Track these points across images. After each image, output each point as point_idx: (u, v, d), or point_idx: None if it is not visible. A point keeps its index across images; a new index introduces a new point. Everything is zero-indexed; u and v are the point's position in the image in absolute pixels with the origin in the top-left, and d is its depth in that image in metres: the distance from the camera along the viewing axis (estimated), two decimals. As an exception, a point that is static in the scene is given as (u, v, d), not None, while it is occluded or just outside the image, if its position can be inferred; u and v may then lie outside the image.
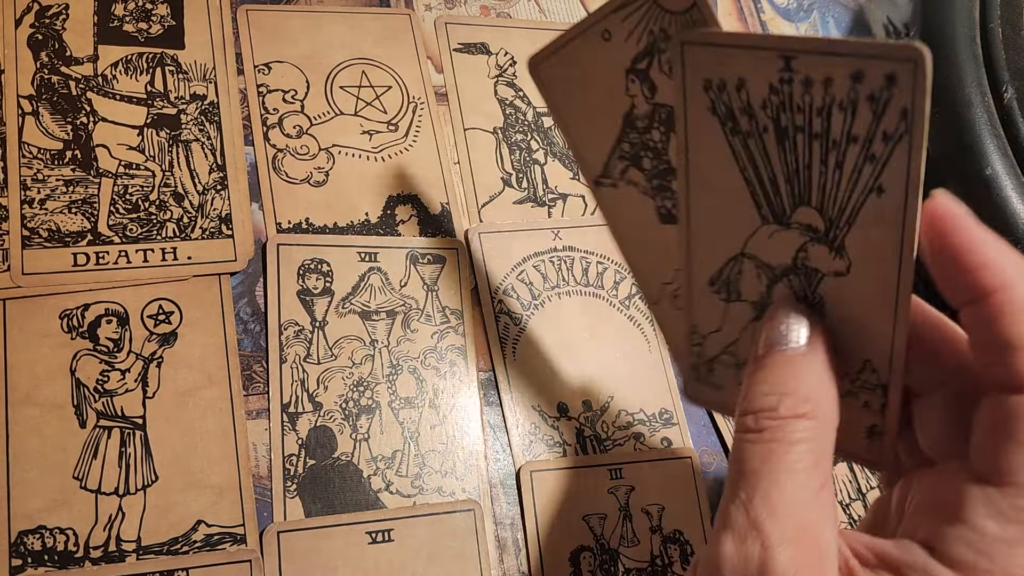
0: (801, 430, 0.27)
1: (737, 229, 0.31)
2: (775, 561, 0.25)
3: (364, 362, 0.46)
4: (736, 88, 0.28)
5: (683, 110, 0.30)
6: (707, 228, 0.32)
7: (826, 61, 0.26)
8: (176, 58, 0.48)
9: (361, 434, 0.44)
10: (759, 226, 0.30)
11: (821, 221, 0.29)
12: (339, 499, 0.43)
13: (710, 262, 0.32)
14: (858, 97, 0.26)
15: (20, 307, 0.42)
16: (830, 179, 0.28)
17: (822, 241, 0.29)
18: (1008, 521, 0.25)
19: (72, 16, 0.47)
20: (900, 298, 0.28)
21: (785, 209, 0.29)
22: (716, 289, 0.33)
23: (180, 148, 0.46)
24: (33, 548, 0.38)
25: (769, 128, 0.28)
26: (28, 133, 0.44)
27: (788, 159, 0.28)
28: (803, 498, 0.26)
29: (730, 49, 0.28)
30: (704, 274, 0.33)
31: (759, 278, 0.31)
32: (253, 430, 0.43)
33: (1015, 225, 0.47)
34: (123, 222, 0.44)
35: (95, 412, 0.41)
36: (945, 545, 0.26)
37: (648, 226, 0.34)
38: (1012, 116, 0.49)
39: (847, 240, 0.28)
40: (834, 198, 0.28)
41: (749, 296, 0.32)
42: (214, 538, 0.41)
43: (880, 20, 0.68)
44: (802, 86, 0.27)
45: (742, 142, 0.29)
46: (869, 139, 0.26)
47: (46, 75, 0.46)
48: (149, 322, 0.43)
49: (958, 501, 0.27)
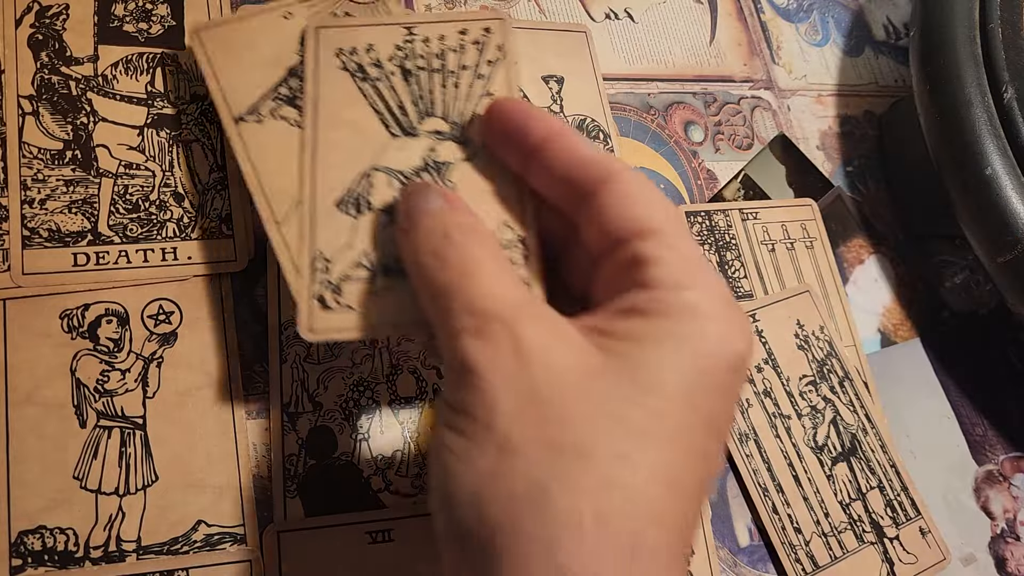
0: (477, 232, 0.32)
1: (367, 150, 0.39)
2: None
3: (364, 362, 0.46)
4: (366, 50, 0.40)
5: (312, 70, 0.40)
6: (335, 157, 0.39)
7: (439, 25, 0.40)
8: (176, 58, 0.48)
9: (361, 434, 0.44)
10: (388, 141, 0.39)
11: (447, 125, 0.39)
12: (339, 499, 0.43)
13: (337, 186, 0.38)
14: (466, 43, 0.40)
15: (20, 307, 0.42)
16: (450, 95, 0.39)
17: (448, 138, 0.38)
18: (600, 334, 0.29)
19: (72, 16, 0.47)
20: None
21: (413, 124, 0.39)
22: (345, 208, 0.38)
23: (180, 148, 0.46)
24: (33, 548, 0.38)
25: (396, 72, 0.40)
26: (28, 133, 0.44)
27: (413, 89, 0.39)
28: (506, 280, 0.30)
29: (361, 28, 0.40)
30: (329, 199, 0.38)
31: (390, 185, 0.38)
32: (253, 430, 0.43)
33: (1015, 225, 0.47)
34: (123, 222, 0.44)
35: (95, 412, 0.41)
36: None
37: (292, 154, 0.40)
38: (1012, 116, 0.48)
39: (470, 132, 0.38)
40: (455, 107, 0.39)
41: (382, 204, 0.38)
42: (214, 538, 0.41)
43: (880, 20, 0.69)
44: (423, 43, 0.40)
45: (372, 85, 0.40)
46: (476, 65, 0.39)
47: (46, 75, 0.46)
48: (149, 322, 0.43)
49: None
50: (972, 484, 0.55)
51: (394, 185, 0.38)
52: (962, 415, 0.57)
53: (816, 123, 0.62)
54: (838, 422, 0.52)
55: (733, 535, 0.49)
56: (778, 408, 0.51)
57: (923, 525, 0.51)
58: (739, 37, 0.63)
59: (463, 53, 0.40)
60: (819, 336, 0.54)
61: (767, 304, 0.54)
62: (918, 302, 0.60)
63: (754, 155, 0.59)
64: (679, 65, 0.61)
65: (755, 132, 0.60)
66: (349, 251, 0.37)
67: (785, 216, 0.57)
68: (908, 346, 0.58)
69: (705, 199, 0.57)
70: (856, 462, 0.51)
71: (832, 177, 0.61)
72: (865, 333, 0.57)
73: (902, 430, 0.55)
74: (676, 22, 0.62)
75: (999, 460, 0.56)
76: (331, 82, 0.40)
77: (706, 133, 0.59)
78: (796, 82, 0.63)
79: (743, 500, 0.50)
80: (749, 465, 0.50)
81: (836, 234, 0.59)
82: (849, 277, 0.58)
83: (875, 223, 0.61)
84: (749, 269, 0.55)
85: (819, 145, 0.62)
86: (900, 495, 0.51)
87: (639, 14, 0.61)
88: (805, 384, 0.52)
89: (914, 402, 0.56)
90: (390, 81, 0.40)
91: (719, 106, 0.60)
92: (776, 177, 0.59)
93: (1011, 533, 0.54)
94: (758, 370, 0.52)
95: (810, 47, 0.65)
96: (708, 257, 0.55)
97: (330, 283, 0.37)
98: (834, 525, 0.49)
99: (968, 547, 0.53)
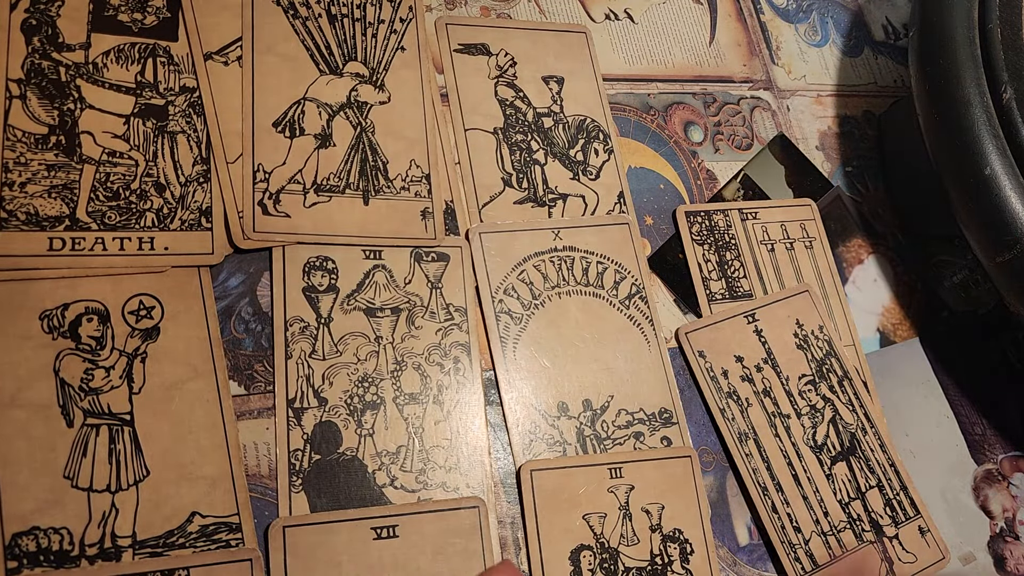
0: None
1: (299, 82, 0.47)
2: None
3: (369, 358, 0.46)
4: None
5: (251, 10, 0.48)
6: (272, 84, 0.47)
7: None
8: (168, 50, 0.48)
9: (366, 429, 0.44)
10: (318, 77, 0.47)
11: (366, 70, 0.48)
12: (344, 494, 0.43)
13: (275, 109, 0.46)
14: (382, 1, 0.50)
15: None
16: (369, 44, 0.49)
17: (368, 82, 0.48)
18: None
19: (68, 3, 0.47)
20: (426, 105, 0.50)
21: (339, 64, 0.48)
22: (281, 129, 0.46)
23: (165, 139, 0.46)
24: (28, 549, 0.38)
25: (323, 14, 0.49)
26: (14, 116, 0.44)
27: (339, 33, 0.48)
28: None
29: None
30: (268, 120, 0.46)
31: (320, 115, 0.47)
32: (255, 429, 0.43)
33: (1014, 225, 0.47)
34: (102, 209, 0.44)
35: (81, 411, 0.41)
36: None
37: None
38: (1011, 117, 0.49)
39: (386, 80, 0.48)
40: (374, 55, 0.48)
41: (312, 131, 0.47)
42: (209, 528, 0.40)
43: (879, 21, 0.69)
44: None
45: (302, 23, 0.49)
46: (392, 21, 0.49)
47: (37, 60, 0.45)
48: (131, 318, 0.43)
49: None
50: (971, 483, 0.55)
51: (323, 116, 0.47)
52: (961, 414, 0.57)
53: (815, 123, 0.63)
54: (837, 421, 0.52)
55: (733, 534, 0.49)
56: (777, 407, 0.51)
57: (922, 524, 0.51)
58: (739, 38, 0.64)
59: (381, 8, 0.50)
60: (818, 336, 0.54)
61: (767, 304, 0.54)
62: (917, 302, 0.60)
63: (754, 155, 0.59)
64: (679, 65, 0.61)
65: (755, 132, 0.60)
66: (284, 168, 0.46)
67: (784, 216, 0.58)
68: (907, 346, 0.58)
69: (705, 199, 0.57)
70: (855, 461, 0.52)
71: (831, 177, 0.61)
72: (864, 333, 0.57)
73: (901, 429, 0.55)
74: (676, 23, 0.62)
75: (998, 459, 0.57)
76: (267, 16, 0.48)
77: (706, 133, 0.59)
78: (795, 82, 0.64)
79: (742, 499, 0.50)
80: (748, 464, 0.50)
81: (835, 234, 0.59)
82: (848, 277, 0.59)
83: (874, 223, 0.61)
84: (749, 269, 0.55)
85: (818, 145, 0.62)
86: (899, 494, 0.52)
87: (639, 15, 0.62)
88: (804, 383, 0.53)
89: (913, 401, 0.56)
90: (318, 23, 0.48)
91: (719, 106, 0.60)
92: (775, 177, 0.59)
93: (1010, 532, 0.55)
94: (758, 369, 0.52)
95: (809, 47, 0.66)
96: (708, 257, 0.55)
97: (270, 192, 0.45)
98: (833, 524, 0.50)
99: (967, 546, 0.54)
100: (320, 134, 0.47)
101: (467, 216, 0.51)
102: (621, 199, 0.54)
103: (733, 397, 0.51)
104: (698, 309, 0.53)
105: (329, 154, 0.48)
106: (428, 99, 0.51)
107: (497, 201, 0.52)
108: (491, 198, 0.52)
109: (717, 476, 0.50)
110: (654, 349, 0.51)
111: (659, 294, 0.54)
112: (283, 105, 0.48)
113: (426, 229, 0.48)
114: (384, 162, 0.48)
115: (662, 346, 0.51)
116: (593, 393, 0.49)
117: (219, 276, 0.46)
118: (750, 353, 0.52)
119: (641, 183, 0.56)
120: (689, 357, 0.52)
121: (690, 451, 0.49)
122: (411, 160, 0.47)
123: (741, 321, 0.53)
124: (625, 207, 0.54)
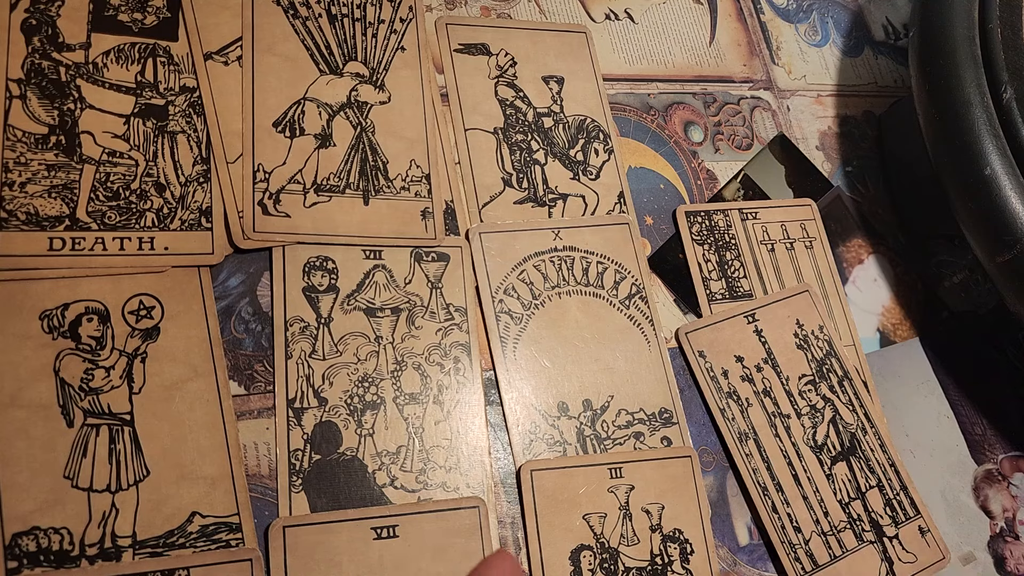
0: None
1: (300, 82, 0.47)
2: None
3: (369, 358, 0.46)
4: None
5: (251, 10, 0.48)
6: (272, 84, 0.47)
7: None
8: (168, 50, 0.48)
9: (366, 429, 0.44)
10: (318, 77, 0.47)
11: (366, 70, 0.48)
12: (344, 494, 0.43)
13: (275, 109, 0.46)
14: (382, 1, 0.50)
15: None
16: (369, 44, 0.48)
17: (368, 82, 0.48)
18: None
19: (68, 3, 0.47)
20: (426, 105, 0.50)
21: (339, 64, 0.48)
22: (281, 129, 0.46)
23: (165, 139, 0.46)
24: (28, 549, 0.38)
25: (323, 14, 0.48)
26: (14, 116, 0.44)
27: (339, 33, 0.48)
28: None
29: None
30: (268, 120, 0.46)
31: (320, 115, 0.47)
32: (255, 429, 0.43)
33: (1014, 225, 0.47)
34: (102, 209, 0.44)
35: (82, 411, 0.41)
36: None
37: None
38: (1011, 117, 0.49)
39: (386, 80, 0.48)
40: (374, 55, 0.48)
41: (312, 131, 0.46)
42: (209, 528, 0.40)
43: (879, 21, 0.69)
44: None
45: (302, 23, 0.48)
46: (392, 21, 0.49)
47: (37, 60, 0.45)
48: (131, 318, 0.43)
49: None
50: (971, 483, 0.55)
51: (323, 116, 0.46)
52: (961, 414, 0.57)
53: (815, 123, 0.63)
54: (837, 421, 0.52)
55: (733, 534, 0.49)
56: (777, 407, 0.51)
57: (922, 524, 0.51)
58: (739, 37, 0.64)
59: (381, 9, 0.50)
60: (818, 335, 0.54)
61: (767, 304, 0.54)
62: (917, 302, 0.60)
63: (754, 155, 0.59)
64: (679, 65, 0.61)
65: (755, 132, 0.60)
66: (283, 168, 0.46)
67: (784, 216, 0.58)
68: (907, 345, 0.58)
69: (705, 199, 0.57)
70: (855, 461, 0.52)
71: (831, 177, 0.61)
72: (864, 332, 0.57)
73: (901, 429, 0.55)
74: (676, 23, 0.62)
75: (998, 459, 0.57)
76: (267, 16, 0.48)
77: (706, 133, 0.59)
78: (795, 82, 0.64)
79: (743, 499, 0.50)
80: (749, 464, 0.50)
81: (835, 234, 0.59)
82: (848, 277, 0.59)
83: (874, 223, 0.61)
84: (749, 269, 0.55)
85: (818, 145, 0.62)
86: (899, 494, 0.52)
87: (639, 15, 0.62)
88: (804, 383, 0.53)
89: (913, 401, 0.56)
90: (319, 23, 0.48)
91: (719, 106, 0.60)
92: (775, 177, 0.59)
93: (1010, 532, 0.55)
94: (758, 369, 0.52)
95: (809, 47, 0.66)
96: (708, 257, 0.55)
97: (270, 192, 0.45)
98: (833, 524, 0.50)
99: (967, 546, 0.54)
100: (320, 134, 0.47)
101: (467, 216, 0.51)
102: (621, 199, 0.54)
103: (733, 397, 0.51)
104: (698, 309, 0.53)
105: (329, 154, 0.48)
106: (428, 99, 0.51)
107: (497, 201, 0.52)
108: (491, 198, 0.52)
109: (717, 476, 0.50)
110: (654, 349, 0.51)
111: (659, 294, 0.54)
112: (283, 105, 0.47)
113: (426, 229, 0.48)
114: (384, 162, 0.48)
115: (662, 346, 0.51)
116: (593, 393, 0.49)
117: (219, 276, 0.46)
118: (750, 353, 0.52)
119: (641, 183, 0.56)
120: (689, 357, 0.52)
121: (690, 451, 0.49)
122: (411, 160, 0.46)
123: (741, 321, 0.53)
124: (625, 207, 0.54)
